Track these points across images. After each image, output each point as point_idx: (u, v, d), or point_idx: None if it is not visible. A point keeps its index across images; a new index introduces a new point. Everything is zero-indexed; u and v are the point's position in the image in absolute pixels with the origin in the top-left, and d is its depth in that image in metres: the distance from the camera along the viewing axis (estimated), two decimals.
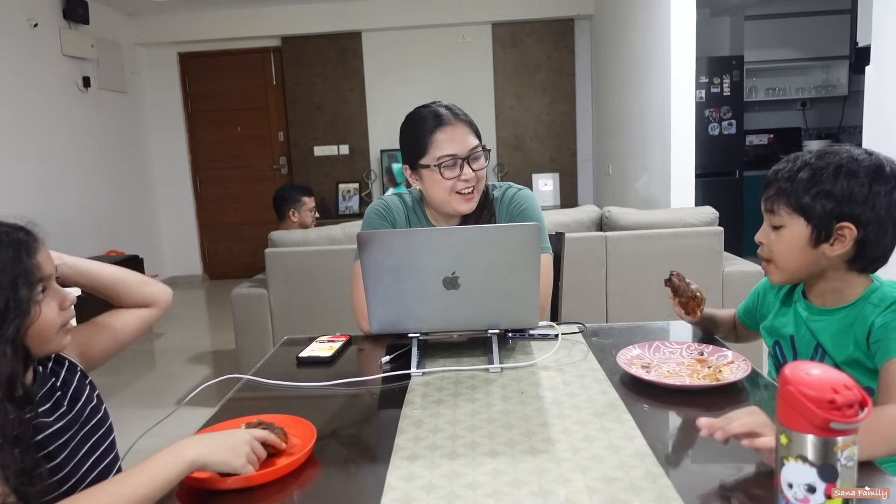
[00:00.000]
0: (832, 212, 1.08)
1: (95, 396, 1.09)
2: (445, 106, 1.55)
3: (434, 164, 1.51)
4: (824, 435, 0.64)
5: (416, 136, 1.53)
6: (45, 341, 0.95)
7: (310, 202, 3.65)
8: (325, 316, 3.02)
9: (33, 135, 4.63)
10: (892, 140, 2.38)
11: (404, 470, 0.88)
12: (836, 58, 5.72)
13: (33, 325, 0.91)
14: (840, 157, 1.10)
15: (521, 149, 6.27)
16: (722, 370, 1.17)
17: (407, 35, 6.16)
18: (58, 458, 0.95)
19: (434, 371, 1.27)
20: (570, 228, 2.97)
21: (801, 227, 1.11)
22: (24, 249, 0.91)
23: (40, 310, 0.92)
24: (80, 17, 5.05)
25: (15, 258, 0.90)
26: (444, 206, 1.57)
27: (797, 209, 1.11)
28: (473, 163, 1.53)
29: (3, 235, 0.91)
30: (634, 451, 0.90)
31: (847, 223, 1.08)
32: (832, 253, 1.11)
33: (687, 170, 3.90)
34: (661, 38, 3.94)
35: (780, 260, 1.16)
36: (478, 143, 1.55)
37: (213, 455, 0.85)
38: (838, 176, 1.08)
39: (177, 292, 1.11)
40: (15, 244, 0.91)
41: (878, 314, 1.08)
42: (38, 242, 0.95)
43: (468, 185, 1.53)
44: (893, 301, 1.08)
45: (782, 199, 1.12)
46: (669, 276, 1.39)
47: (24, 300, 0.89)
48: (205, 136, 6.47)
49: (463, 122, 1.54)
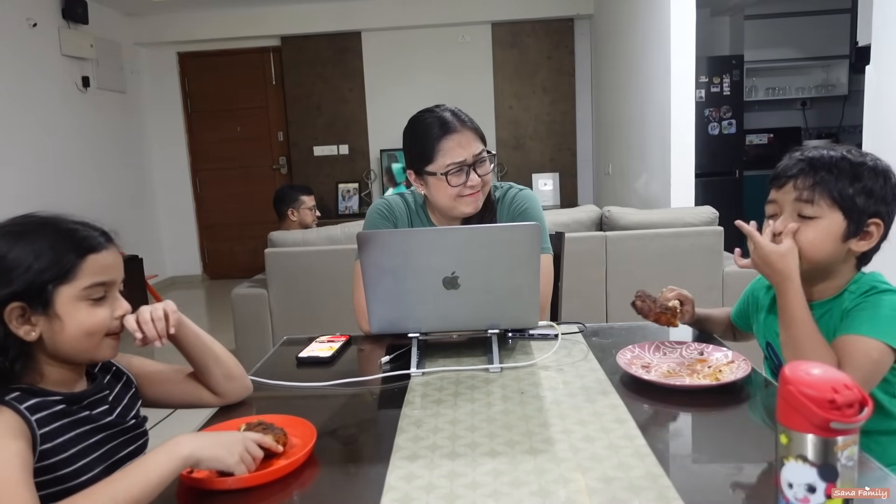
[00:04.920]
0: (869, 208, 1.10)
1: (140, 417, 1.09)
2: (451, 111, 1.54)
3: (441, 173, 1.50)
4: (824, 435, 0.64)
5: (422, 142, 1.52)
6: (92, 346, 0.95)
7: (308, 201, 3.65)
8: (325, 316, 3.02)
9: (32, 135, 4.63)
10: (892, 140, 2.38)
11: (404, 470, 0.88)
12: (836, 57, 5.71)
13: (79, 324, 0.92)
14: (866, 156, 1.13)
15: (520, 149, 6.27)
16: (722, 370, 1.17)
17: (407, 35, 6.16)
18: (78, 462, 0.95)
19: (434, 371, 1.27)
20: (570, 228, 2.96)
21: (838, 219, 1.11)
22: (84, 245, 0.92)
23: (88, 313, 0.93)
24: (79, 17, 5.05)
25: (61, 248, 0.91)
26: (449, 210, 1.57)
27: (839, 201, 1.10)
28: (479, 168, 1.53)
29: (78, 230, 0.93)
30: (634, 451, 0.90)
31: (877, 220, 1.11)
32: (858, 248, 1.13)
33: (687, 169, 3.90)
34: (661, 38, 3.94)
35: (810, 250, 1.12)
36: (483, 147, 1.54)
37: (207, 451, 0.85)
38: (876, 173, 1.10)
39: (177, 292, 1.11)
40: (72, 234, 0.92)
41: (853, 300, 1.12)
42: (103, 245, 0.95)
43: (474, 189, 1.53)
44: (869, 289, 1.12)
45: (826, 192, 1.10)
46: (633, 301, 1.35)
47: (39, 283, 0.89)
48: (204, 136, 6.47)
49: (469, 128, 1.53)
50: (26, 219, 0.94)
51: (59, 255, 0.90)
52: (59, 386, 0.96)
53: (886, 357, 1.05)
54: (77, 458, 0.92)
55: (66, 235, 0.92)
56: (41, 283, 0.89)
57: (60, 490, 0.88)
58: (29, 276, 0.88)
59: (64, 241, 0.92)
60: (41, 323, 0.91)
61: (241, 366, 1.18)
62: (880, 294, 1.11)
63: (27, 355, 0.91)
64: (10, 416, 0.86)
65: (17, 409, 0.86)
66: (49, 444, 0.89)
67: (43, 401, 0.90)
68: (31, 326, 0.90)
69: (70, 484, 0.91)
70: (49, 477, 0.89)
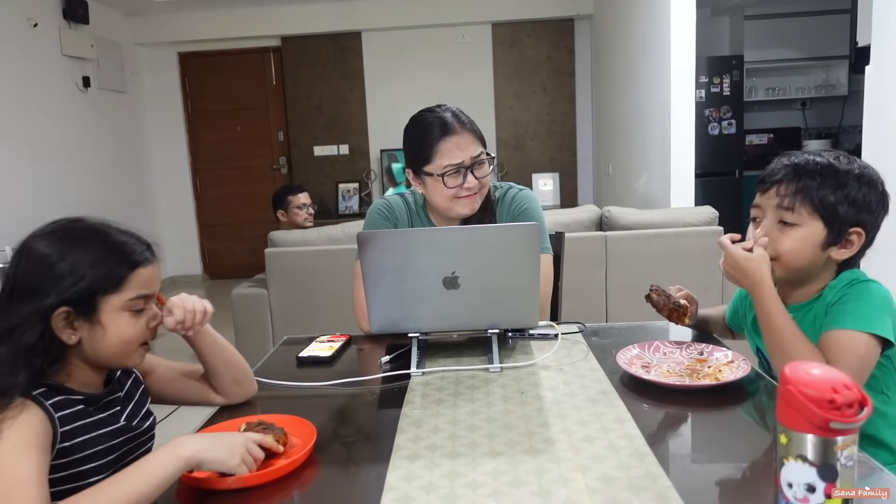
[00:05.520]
0: (851, 217, 1.10)
1: (150, 416, 1.09)
2: (452, 112, 1.54)
3: (438, 174, 1.50)
4: (824, 435, 0.64)
5: (421, 142, 1.52)
6: (126, 353, 0.98)
7: (295, 200, 3.57)
8: (325, 316, 3.02)
9: (33, 135, 4.63)
10: (892, 140, 2.38)
11: (404, 470, 0.88)
12: (836, 58, 5.71)
13: (120, 333, 0.95)
14: (854, 163, 1.12)
15: (521, 149, 6.27)
16: (722, 370, 1.17)
17: (407, 35, 6.16)
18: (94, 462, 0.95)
19: (434, 371, 1.27)
20: (570, 228, 2.96)
21: (818, 228, 1.11)
22: (133, 259, 0.95)
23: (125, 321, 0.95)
24: (79, 17, 5.05)
25: (113, 260, 0.94)
26: (446, 211, 1.57)
27: (820, 209, 1.10)
28: (477, 170, 1.53)
29: (128, 243, 0.96)
30: (634, 451, 0.90)
31: (859, 229, 1.11)
32: (839, 256, 1.13)
33: (687, 169, 3.91)
34: (661, 38, 3.94)
35: (788, 258, 1.13)
36: (481, 150, 1.54)
37: (209, 453, 0.85)
38: (861, 182, 1.10)
39: (177, 292, 1.11)
40: (123, 247, 0.95)
41: (834, 294, 1.13)
42: (149, 259, 0.98)
43: (471, 192, 1.53)
44: (850, 281, 1.12)
45: (807, 200, 1.10)
46: (649, 293, 1.37)
47: (89, 292, 0.91)
48: (205, 136, 6.47)
49: (468, 131, 1.52)
50: (76, 224, 0.97)
51: (111, 266, 0.94)
52: (83, 387, 0.97)
53: (874, 349, 1.06)
54: (90, 459, 0.93)
55: (117, 248, 0.96)
56: (91, 292, 0.92)
57: (70, 488, 0.88)
58: (82, 285, 0.91)
59: (115, 253, 0.95)
60: (83, 328, 0.93)
61: (251, 370, 1.20)
62: (861, 284, 1.11)
63: (61, 357, 0.94)
64: (36, 412, 0.87)
65: (43, 404, 0.88)
66: (67, 442, 0.90)
67: (66, 399, 0.92)
68: (74, 331, 0.93)
69: (79, 483, 0.91)
70: (61, 475, 0.90)
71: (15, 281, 0.91)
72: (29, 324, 0.88)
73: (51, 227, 0.95)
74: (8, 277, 0.92)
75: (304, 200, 3.61)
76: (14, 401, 0.85)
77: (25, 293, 0.90)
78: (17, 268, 0.92)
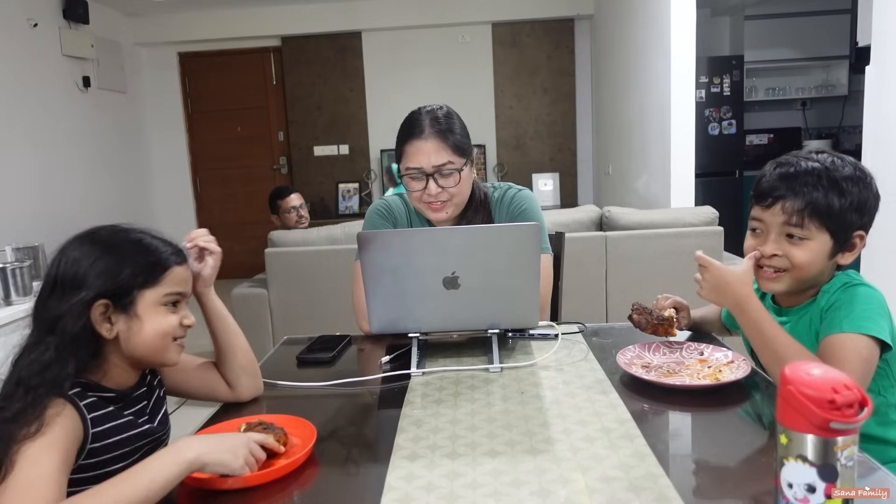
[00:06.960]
0: (856, 223, 1.11)
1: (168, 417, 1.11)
2: (433, 115, 1.50)
3: (403, 174, 1.52)
4: (824, 435, 0.64)
5: (397, 141, 1.54)
6: (162, 348, 1.00)
7: (284, 204, 3.57)
8: (325, 316, 3.02)
9: (33, 135, 4.63)
10: (892, 140, 2.38)
11: (404, 470, 0.88)
12: (836, 58, 5.71)
13: (156, 325, 0.98)
14: (847, 165, 1.12)
15: (520, 149, 6.27)
16: (722, 370, 1.17)
17: (407, 35, 6.16)
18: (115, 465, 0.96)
19: (434, 371, 1.27)
20: (570, 228, 2.97)
21: (826, 238, 1.11)
22: (168, 258, 1.00)
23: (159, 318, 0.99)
24: (79, 17, 5.05)
25: (150, 258, 0.99)
26: (421, 212, 1.57)
27: (828, 223, 1.10)
28: (442, 179, 1.49)
29: (161, 246, 1.01)
30: (634, 451, 0.90)
31: (861, 232, 1.12)
32: (845, 261, 1.14)
33: (687, 169, 3.91)
34: (661, 38, 3.94)
35: (803, 271, 1.13)
36: (449, 159, 1.47)
37: (213, 455, 0.85)
38: (860, 185, 1.10)
39: None
40: (158, 248, 1.01)
41: (828, 298, 1.13)
42: (182, 261, 1.04)
43: (434, 199, 1.51)
44: (843, 284, 1.13)
45: (815, 216, 1.09)
46: (630, 314, 1.36)
47: (127, 286, 0.96)
48: (205, 136, 6.46)
49: (436, 137, 1.46)
50: (115, 227, 1.02)
51: (148, 263, 0.99)
52: (118, 387, 1.00)
53: (875, 351, 1.06)
54: (119, 459, 0.95)
55: (153, 248, 1.01)
56: (129, 286, 0.96)
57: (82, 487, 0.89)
58: (120, 279, 0.96)
59: (151, 253, 1.00)
60: (121, 322, 0.97)
61: (257, 363, 1.22)
62: (855, 287, 1.11)
63: (100, 354, 0.97)
64: (71, 412, 0.89)
65: (77, 405, 0.90)
66: (98, 443, 0.92)
67: (99, 399, 0.94)
68: (111, 325, 0.96)
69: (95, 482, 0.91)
70: (90, 475, 0.92)
71: (56, 277, 0.95)
72: (71, 315, 0.92)
73: (90, 230, 1.00)
74: (49, 274, 0.96)
75: (295, 203, 3.60)
76: (65, 390, 0.88)
77: (66, 287, 0.94)
78: (58, 265, 0.96)
